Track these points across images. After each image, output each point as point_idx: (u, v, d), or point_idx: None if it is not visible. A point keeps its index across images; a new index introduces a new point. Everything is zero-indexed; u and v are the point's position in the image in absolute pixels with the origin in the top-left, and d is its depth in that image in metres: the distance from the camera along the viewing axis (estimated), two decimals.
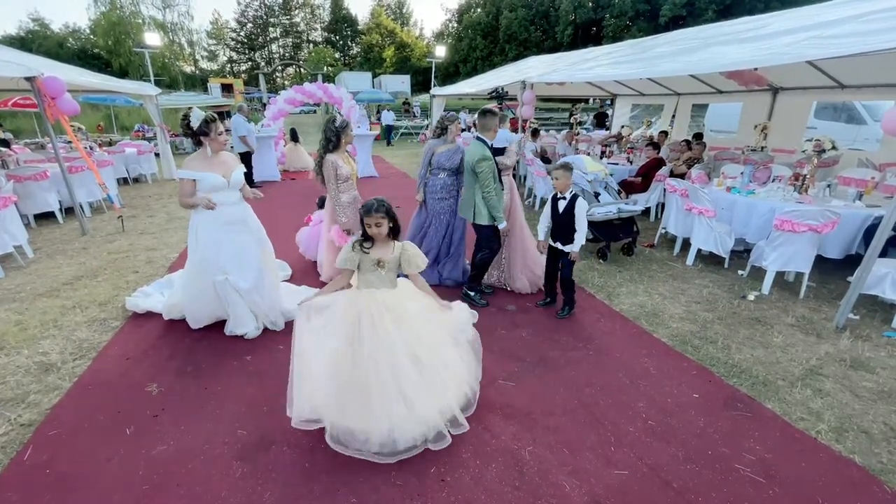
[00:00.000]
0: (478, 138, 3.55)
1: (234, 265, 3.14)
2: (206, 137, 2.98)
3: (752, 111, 8.02)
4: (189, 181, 2.98)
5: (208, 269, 3.10)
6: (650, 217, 6.69)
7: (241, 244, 3.18)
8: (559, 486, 2.04)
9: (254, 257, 3.24)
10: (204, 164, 3.01)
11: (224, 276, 3.11)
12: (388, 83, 31.52)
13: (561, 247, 3.57)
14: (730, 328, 3.50)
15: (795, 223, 3.82)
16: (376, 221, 2.14)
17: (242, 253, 3.18)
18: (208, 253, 3.08)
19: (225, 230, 3.09)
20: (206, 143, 3.01)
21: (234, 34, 52.92)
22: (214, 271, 3.10)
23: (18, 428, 2.37)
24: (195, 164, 3.01)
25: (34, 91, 5.14)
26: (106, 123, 17.37)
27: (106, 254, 5.07)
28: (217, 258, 3.09)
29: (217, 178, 3.01)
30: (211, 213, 3.02)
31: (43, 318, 3.55)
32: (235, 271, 3.14)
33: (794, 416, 2.51)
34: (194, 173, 2.97)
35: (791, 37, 4.25)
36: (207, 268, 3.10)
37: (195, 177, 2.97)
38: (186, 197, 3.00)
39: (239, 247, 3.16)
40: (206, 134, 2.97)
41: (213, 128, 2.97)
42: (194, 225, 3.09)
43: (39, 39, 34.98)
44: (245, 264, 3.18)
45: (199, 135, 2.97)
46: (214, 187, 3.01)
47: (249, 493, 1.99)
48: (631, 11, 30.76)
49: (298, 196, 8.38)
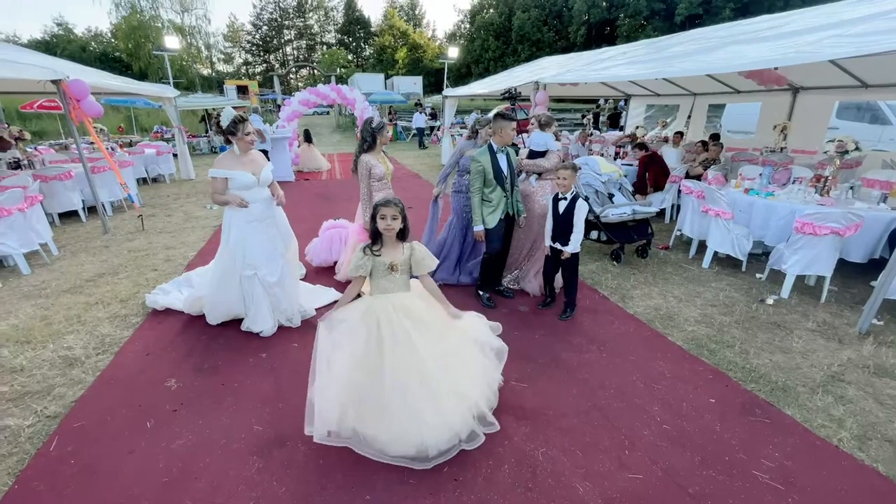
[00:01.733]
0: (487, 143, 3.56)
1: (262, 260, 3.24)
2: (233, 137, 3.07)
3: (771, 111, 7.85)
4: (221, 179, 3.07)
5: (237, 263, 3.20)
6: (665, 219, 6.59)
7: (270, 239, 3.28)
8: (572, 488, 2.03)
9: (280, 252, 3.34)
10: (235, 163, 3.10)
11: (253, 272, 3.20)
12: (400, 84, 31.66)
13: (560, 247, 3.54)
14: (747, 332, 3.44)
15: (817, 226, 3.73)
16: (392, 214, 2.15)
17: (271, 248, 3.28)
18: (238, 248, 3.17)
19: (255, 226, 3.19)
20: (234, 143, 3.10)
21: (250, 37, 53.89)
22: (243, 266, 3.20)
23: (45, 419, 2.45)
24: (226, 162, 3.09)
25: (59, 93, 5.30)
26: (126, 125, 17.81)
27: (126, 252, 5.21)
28: (246, 253, 3.19)
29: (247, 176, 3.10)
30: (242, 209, 3.11)
31: (67, 313, 3.66)
32: (264, 266, 3.24)
33: (815, 423, 2.45)
34: (225, 172, 3.05)
35: (813, 35, 4.16)
36: (237, 262, 3.20)
37: (226, 175, 3.06)
38: (219, 194, 3.10)
39: (268, 242, 3.26)
40: (233, 133, 3.05)
41: (240, 128, 3.05)
42: (227, 220, 3.20)
43: (63, 43, 36.11)
44: (273, 259, 3.29)
45: (228, 134, 3.06)
46: (245, 185, 3.10)
47: (265, 488, 2.02)
48: (646, 11, 30.41)
49: (312, 196, 8.48)
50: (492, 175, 3.50)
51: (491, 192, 3.55)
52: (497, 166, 3.51)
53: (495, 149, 3.52)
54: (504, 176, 3.54)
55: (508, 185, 3.58)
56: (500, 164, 3.53)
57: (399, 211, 2.17)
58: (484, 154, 3.51)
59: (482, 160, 3.48)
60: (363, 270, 2.20)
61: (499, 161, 3.53)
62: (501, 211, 3.59)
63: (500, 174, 3.53)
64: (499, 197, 3.56)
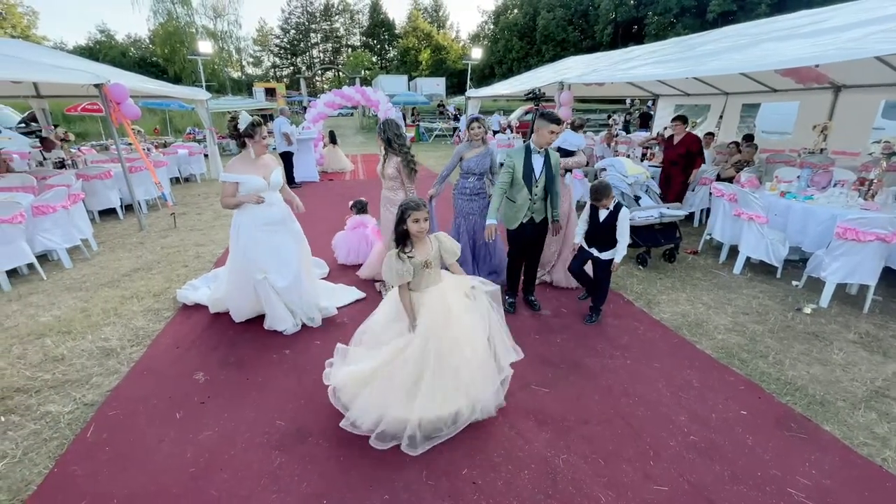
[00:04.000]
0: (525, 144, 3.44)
1: (272, 264, 3.25)
2: (250, 140, 3.12)
3: (810, 111, 7.47)
4: (231, 183, 3.12)
5: (248, 267, 3.22)
6: (694, 222, 6.38)
7: (280, 244, 3.29)
8: (594, 497, 1.98)
9: (292, 256, 3.34)
10: (247, 167, 3.15)
11: (263, 276, 3.22)
12: (423, 85, 31.87)
13: (597, 254, 3.46)
14: (783, 343, 3.28)
15: (860, 231, 3.53)
16: (424, 216, 2.20)
17: (281, 252, 3.28)
18: (248, 252, 3.20)
19: (264, 230, 3.21)
20: (251, 146, 3.15)
21: (278, 40, 55.35)
22: (254, 270, 3.21)
23: (83, 407, 2.57)
24: (238, 166, 3.15)
25: (101, 97, 5.57)
26: (162, 127, 18.57)
27: (160, 248, 5.42)
28: (256, 257, 3.20)
29: (258, 180, 3.14)
30: (252, 213, 3.15)
31: (105, 306, 3.84)
32: (274, 270, 3.24)
33: (857, 441, 2.32)
34: (237, 176, 3.11)
35: (857, 31, 3.94)
36: (247, 266, 3.22)
37: (238, 179, 3.11)
38: (229, 198, 3.14)
39: (277, 246, 3.27)
40: (251, 136, 3.10)
41: (258, 131, 3.10)
42: (236, 225, 3.23)
43: (105, 49, 38.00)
44: (283, 263, 3.29)
45: (245, 137, 3.11)
46: (256, 189, 3.14)
47: (287, 482, 2.06)
48: (676, 8, 29.58)
49: (336, 196, 8.62)
50: (520, 175, 3.35)
51: (516, 193, 3.40)
52: (528, 167, 3.35)
53: (532, 149, 3.37)
54: (534, 178, 3.36)
55: (539, 189, 3.39)
56: (534, 165, 3.36)
57: (427, 212, 2.24)
58: (518, 153, 3.38)
59: (514, 158, 3.36)
60: (406, 275, 2.20)
61: (532, 162, 3.36)
62: (524, 215, 3.43)
63: (531, 176, 3.35)
64: (524, 199, 3.39)
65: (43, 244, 4.63)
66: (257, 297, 3.34)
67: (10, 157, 7.19)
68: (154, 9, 32.56)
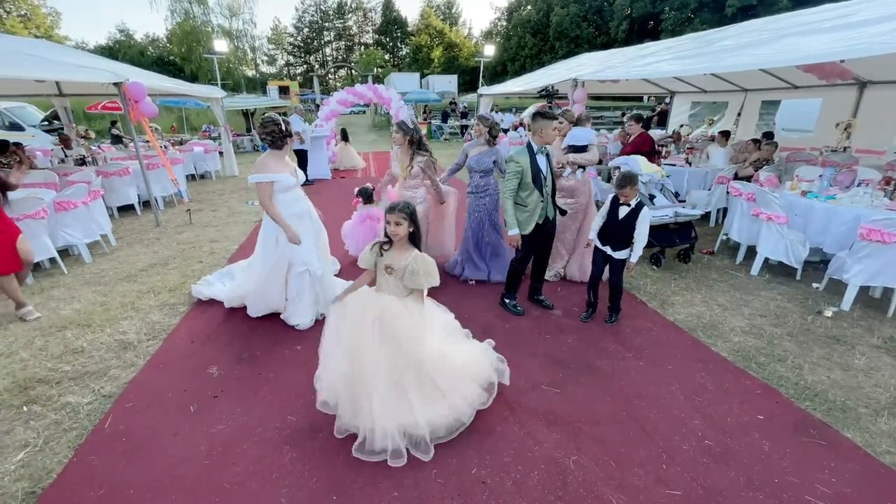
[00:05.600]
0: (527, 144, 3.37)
1: (313, 255, 3.37)
2: (290, 139, 3.25)
3: (833, 108, 7.26)
4: (268, 183, 3.14)
5: (285, 260, 3.30)
6: (710, 222, 6.25)
7: (312, 234, 3.39)
8: (605, 500, 1.96)
9: (322, 245, 3.50)
10: (279, 166, 3.21)
11: (305, 268, 3.31)
12: (435, 83, 31.78)
13: (611, 252, 3.40)
14: (802, 346, 3.19)
15: (886, 233, 3.41)
16: (396, 220, 2.16)
17: (315, 242, 3.41)
18: (288, 246, 3.24)
19: (297, 222, 3.27)
20: (288, 145, 3.26)
21: (292, 39, 55.78)
22: (296, 262, 3.30)
23: (101, 398, 2.63)
24: (272, 164, 3.17)
25: (120, 95, 5.69)
26: (178, 124, 18.90)
27: (176, 244, 5.52)
28: (297, 250, 3.25)
29: (290, 177, 3.23)
30: (284, 208, 3.20)
31: (123, 300, 3.92)
32: (315, 261, 3.36)
33: (880, 449, 2.25)
34: (273, 175, 3.14)
35: (886, 24, 3.80)
36: (284, 260, 3.30)
37: (274, 178, 3.14)
38: (269, 198, 3.14)
39: (310, 236, 3.36)
40: (291, 136, 3.25)
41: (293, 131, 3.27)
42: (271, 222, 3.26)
43: (125, 48, 38.79)
44: (319, 253, 3.43)
45: (288, 137, 3.22)
46: (288, 186, 3.22)
47: (297, 476, 2.08)
48: (694, 3, 28.95)
49: (348, 193, 8.65)
50: (530, 177, 3.26)
51: (527, 197, 3.31)
52: (536, 167, 3.28)
53: (535, 149, 3.30)
54: (543, 178, 3.31)
55: (548, 188, 3.36)
56: (540, 166, 3.30)
57: (404, 217, 2.15)
58: (523, 154, 3.28)
59: (521, 160, 3.25)
60: (366, 264, 2.30)
61: (538, 162, 3.30)
62: (539, 216, 3.35)
63: (540, 176, 3.29)
64: (535, 201, 3.31)
65: (64, 239, 4.75)
66: (282, 293, 3.41)
67: (34, 155, 7.40)
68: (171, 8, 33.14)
